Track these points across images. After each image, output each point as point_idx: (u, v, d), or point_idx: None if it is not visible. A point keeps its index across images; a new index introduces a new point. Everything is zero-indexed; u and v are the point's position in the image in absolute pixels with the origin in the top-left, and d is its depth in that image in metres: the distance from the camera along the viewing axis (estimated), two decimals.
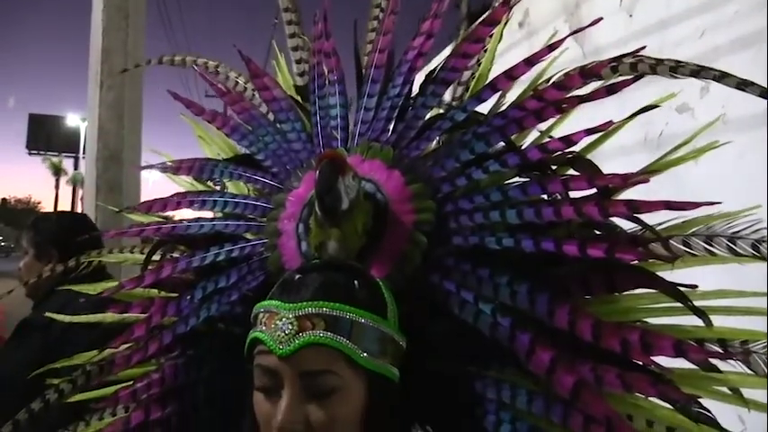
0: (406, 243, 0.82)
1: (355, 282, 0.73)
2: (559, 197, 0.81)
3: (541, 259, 0.78)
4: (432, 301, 0.81)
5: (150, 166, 1.11)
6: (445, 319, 0.80)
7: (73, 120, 38.71)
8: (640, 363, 0.74)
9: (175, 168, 1.08)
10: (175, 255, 1.03)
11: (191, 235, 0.98)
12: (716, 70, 0.79)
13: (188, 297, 0.93)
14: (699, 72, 0.78)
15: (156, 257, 1.04)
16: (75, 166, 37.99)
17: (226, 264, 0.93)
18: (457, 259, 0.81)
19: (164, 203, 1.04)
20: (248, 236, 0.96)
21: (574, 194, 0.81)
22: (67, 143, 38.83)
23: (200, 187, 1.12)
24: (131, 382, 0.97)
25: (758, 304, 0.77)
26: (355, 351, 0.69)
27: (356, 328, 0.69)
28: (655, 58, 0.84)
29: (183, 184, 1.15)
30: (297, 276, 0.74)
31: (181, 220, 1.03)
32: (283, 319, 0.69)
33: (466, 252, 0.81)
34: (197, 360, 0.95)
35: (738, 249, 0.76)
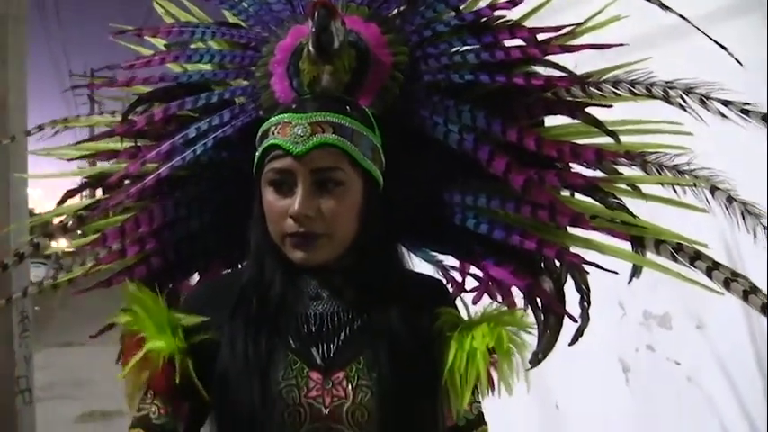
0: (386, 79, 0.97)
1: (347, 105, 0.88)
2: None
3: (494, 95, 0.98)
4: (407, 130, 0.97)
5: (124, 31, 1.15)
6: (418, 147, 0.97)
7: None
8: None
9: (153, 32, 1.13)
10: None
11: (181, 83, 1.06)
12: None
13: (182, 135, 1.01)
14: None
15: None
16: None
17: (217, 105, 1.02)
18: (428, 92, 0.98)
19: (147, 61, 1.10)
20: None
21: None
22: None
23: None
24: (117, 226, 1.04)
25: (650, 128, 1.02)
26: (357, 152, 0.84)
27: (356, 135, 0.85)
28: None
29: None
30: (296, 104, 0.87)
31: (167, 73, 1.10)
32: (298, 126, 0.83)
33: (435, 87, 0.98)
34: (185, 200, 1.04)
35: (636, 90, 1.00)
